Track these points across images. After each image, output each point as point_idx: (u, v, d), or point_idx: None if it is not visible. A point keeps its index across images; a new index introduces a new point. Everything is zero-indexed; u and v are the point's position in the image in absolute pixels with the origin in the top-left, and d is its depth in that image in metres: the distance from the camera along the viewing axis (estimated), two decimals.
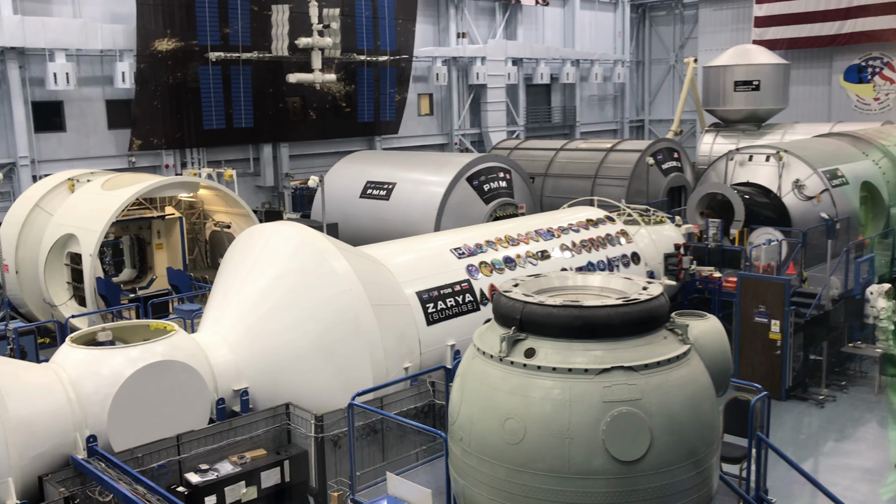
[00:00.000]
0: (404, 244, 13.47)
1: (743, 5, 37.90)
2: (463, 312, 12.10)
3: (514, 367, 6.34)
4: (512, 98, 35.68)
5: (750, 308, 15.16)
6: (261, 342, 10.49)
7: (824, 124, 29.63)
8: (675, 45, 42.41)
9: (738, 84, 29.57)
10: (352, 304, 10.36)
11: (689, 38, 41.58)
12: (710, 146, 30.14)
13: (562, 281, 7.52)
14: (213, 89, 24.41)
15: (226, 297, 11.06)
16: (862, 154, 21.68)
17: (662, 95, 43.17)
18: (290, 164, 27.46)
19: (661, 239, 16.35)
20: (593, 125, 40.60)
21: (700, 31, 40.20)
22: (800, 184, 19.13)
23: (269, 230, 11.56)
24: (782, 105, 30.45)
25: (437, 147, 33.00)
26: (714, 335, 7.19)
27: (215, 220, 18.57)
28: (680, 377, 6.34)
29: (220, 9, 24.05)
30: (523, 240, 14.08)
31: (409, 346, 11.10)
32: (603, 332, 6.33)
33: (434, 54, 31.79)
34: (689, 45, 41.47)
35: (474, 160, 20.96)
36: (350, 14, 27.18)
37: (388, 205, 21.20)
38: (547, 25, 37.91)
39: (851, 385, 15.80)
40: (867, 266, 16.82)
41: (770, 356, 14.95)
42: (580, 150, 26.99)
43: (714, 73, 30.49)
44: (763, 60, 29.92)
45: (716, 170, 21.18)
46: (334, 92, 27.66)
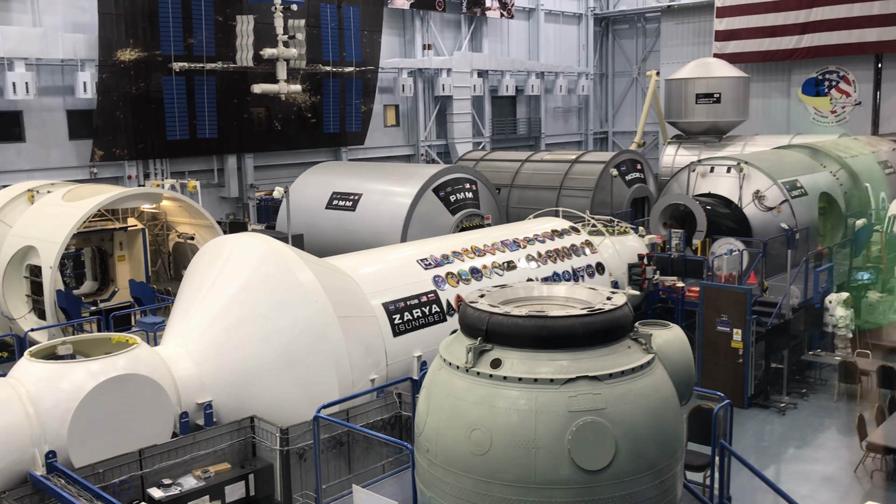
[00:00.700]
0: (370, 255, 13.45)
1: (704, 19, 38.57)
2: (429, 323, 12.10)
3: (481, 377, 6.36)
4: (478, 110, 35.86)
5: (712, 317, 15.36)
6: (225, 355, 10.38)
7: (783, 136, 30.23)
8: (637, 58, 42.98)
9: (700, 97, 30.06)
10: (317, 316, 10.30)
11: (652, 51, 42.17)
12: (672, 158, 30.57)
13: (527, 291, 7.57)
14: (176, 100, 24.20)
15: (189, 309, 10.94)
16: (820, 165, 22.13)
17: (625, 108, 43.69)
18: (255, 175, 27.28)
19: (624, 249, 16.52)
20: (558, 137, 40.94)
21: (662, 44, 40.82)
22: (760, 195, 19.47)
23: (233, 242, 11.47)
24: (742, 117, 31.00)
25: (403, 158, 33.03)
26: (677, 344, 7.28)
27: (179, 231, 18.36)
28: (644, 386, 6.40)
29: (183, 19, 23.88)
30: (489, 250, 14.14)
31: (376, 357, 11.07)
32: (568, 342, 6.37)
33: (400, 66, 31.86)
34: (651, 58, 42.04)
35: (440, 171, 21.02)
36: (316, 25, 27.14)
37: (355, 216, 21.15)
38: (512, 38, 38.21)
39: (812, 392, 16.06)
40: (826, 275, 17.15)
41: (732, 365, 15.16)
42: (545, 161, 27.20)
43: (676, 86, 30.96)
44: (724, 73, 30.46)
45: (678, 181, 21.47)
46: (300, 103, 27.58)
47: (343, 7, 28.12)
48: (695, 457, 10.09)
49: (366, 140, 30.49)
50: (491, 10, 35.37)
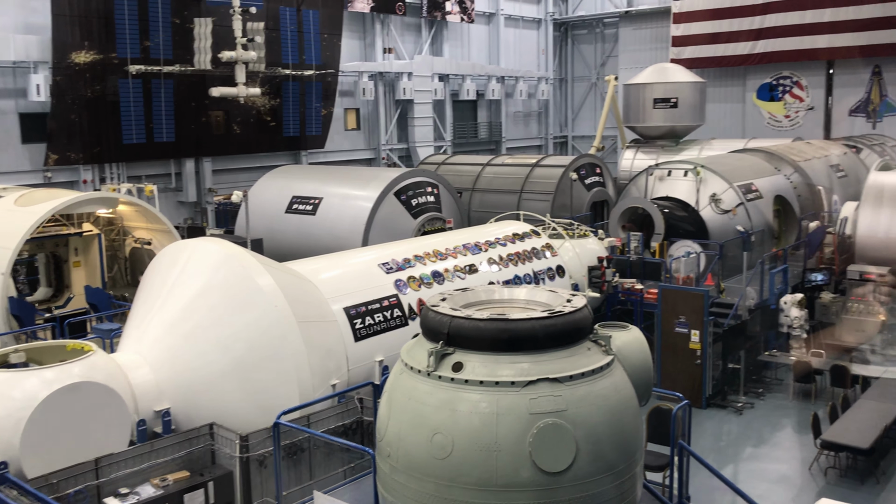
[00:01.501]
0: (331, 259, 13.38)
1: (661, 25, 39.11)
2: (391, 328, 12.07)
3: (442, 381, 6.34)
4: (439, 113, 35.91)
5: (670, 319, 15.55)
6: (183, 361, 10.25)
7: (739, 140, 30.78)
8: (596, 63, 43.42)
9: (657, 101, 30.47)
10: (277, 322, 10.22)
11: (610, 56, 42.63)
12: (630, 161, 30.95)
13: (489, 294, 7.58)
14: (133, 103, 23.84)
15: (146, 315, 10.78)
16: (774, 169, 22.55)
17: (585, 112, 44.09)
18: (214, 179, 26.97)
19: (584, 252, 16.66)
20: (519, 141, 41.17)
21: (620, 49, 41.29)
22: (716, 198, 19.76)
23: (191, 246, 11.33)
24: (699, 122, 31.49)
25: (364, 162, 32.93)
26: (636, 346, 7.35)
27: (135, 236, 18.09)
28: (604, 388, 6.45)
29: (140, 21, 23.53)
30: (451, 254, 14.16)
31: (337, 362, 11.01)
32: (529, 344, 6.39)
33: (360, 69, 31.77)
34: (609, 63, 42.49)
35: (402, 175, 21.00)
36: (275, 28, 26.95)
37: (315, 220, 21.03)
38: (472, 42, 38.34)
39: (768, 392, 16.35)
40: (781, 277, 17.47)
41: (690, 365, 15.36)
42: (506, 165, 27.33)
43: (634, 91, 31.34)
44: (680, 79, 30.92)
45: (636, 184, 21.72)
46: (259, 106, 27.35)
47: (302, 10, 27.97)
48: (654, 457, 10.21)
49: (326, 144, 30.34)
50: (451, 14, 35.46)
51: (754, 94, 36.78)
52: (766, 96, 36.46)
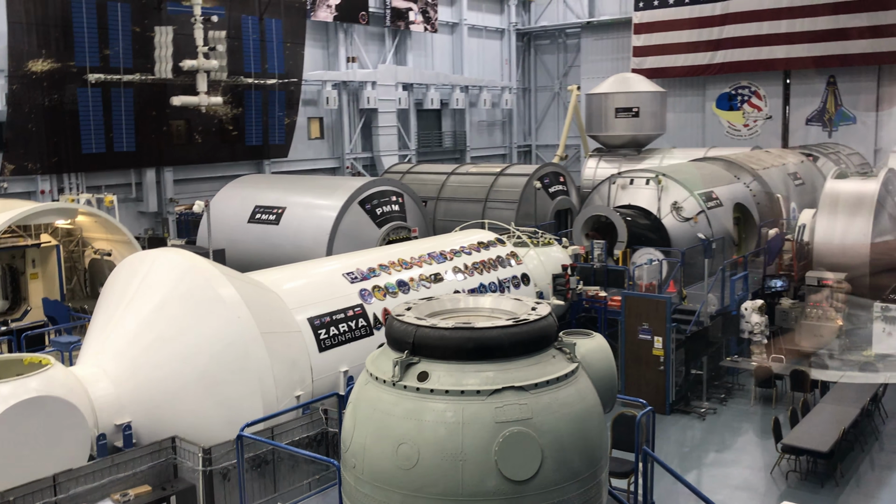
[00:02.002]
0: (295, 269, 13.28)
1: (622, 35, 39.59)
2: (356, 338, 12.01)
3: (407, 391, 6.32)
4: (403, 122, 35.92)
5: (634, 326, 15.69)
6: (144, 374, 10.09)
7: (699, 149, 31.22)
8: (559, 72, 43.78)
9: (619, 111, 30.81)
10: (240, 333, 10.11)
11: (573, 66, 43.02)
12: (593, 170, 31.23)
13: (454, 303, 7.57)
14: (92, 112, 23.49)
15: (106, 327, 10.60)
16: (734, 177, 22.90)
17: (548, 121, 44.41)
18: (175, 189, 26.66)
19: (549, 260, 16.75)
20: (483, 150, 41.32)
21: (582, 59, 41.70)
22: (678, 206, 20.01)
23: (152, 257, 11.18)
24: (660, 131, 31.90)
25: (328, 171, 32.79)
26: (600, 353, 7.39)
27: (95, 247, 17.81)
28: (569, 395, 6.47)
29: (99, 29, 23.22)
30: (416, 263, 14.14)
31: (301, 373, 10.92)
32: (494, 352, 6.39)
33: (324, 78, 31.67)
34: (572, 73, 42.88)
35: (366, 184, 20.95)
36: (237, 37, 26.77)
37: (278, 230, 20.88)
38: (436, 52, 38.44)
39: (730, 397, 16.55)
40: (741, 283, 17.72)
41: (654, 372, 15.50)
42: (471, 174, 27.42)
43: (596, 101, 31.66)
44: (642, 88, 31.31)
45: (599, 193, 21.92)
46: (221, 115, 27.12)
47: (265, 19, 27.83)
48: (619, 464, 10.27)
49: (289, 153, 30.16)
50: (415, 24, 35.54)
51: (714, 104, 37.36)
52: (726, 106, 37.06)
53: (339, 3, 31.49)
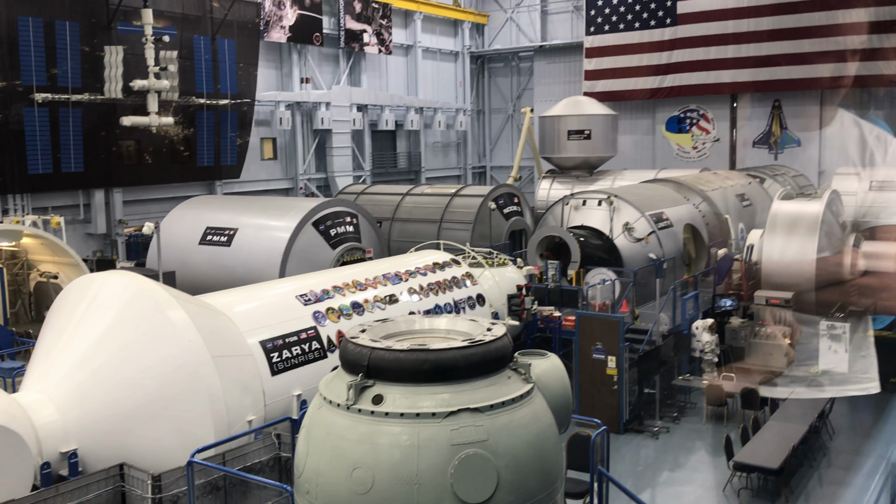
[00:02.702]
0: (247, 292, 13.11)
1: (574, 59, 40.23)
2: (309, 361, 11.88)
3: (362, 414, 6.25)
4: (358, 143, 35.89)
5: (588, 345, 15.81)
6: (91, 400, 9.83)
7: (650, 171, 31.77)
8: (512, 95, 44.24)
9: (571, 133, 31.25)
10: (190, 356, 9.92)
11: (526, 89, 43.52)
12: (547, 191, 31.56)
13: (409, 325, 7.54)
14: (39, 132, 22.99)
15: (52, 352, 10.31)
16: (684, 198, 23.32)
17: (502, 143, 44.79)
18: (125, 210, 26.20)
19: (504, 280, 16.81)
20: (438, 171, 41.47)
21: (535, 82, 42.23)
22: (629, 226, 20.29)
23: (99, 280, 10.92)
24: (612, 153, 32.40)
25: (281, 192, 32.56)
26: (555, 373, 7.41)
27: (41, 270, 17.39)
28: (524, 416, 6.47)
29: (46, 48, 22.80)
30: (371, 284, 14.07)
31: (253, 397, 10.75)
32: (449, 374, 6.37)
33: (277, 98, 31.53)
34: (525, 95, 43.36)
35: (320, 205, 20.82)
36: (189, 57, 26.52)
37: (230, 251, 20.60)
38: (391, 73, 38.57)
39: (683, 416, 16.73)
40: (692, 303, 17.99)
41: (608, 391, 15.61)
42: (426, 195, 27.46)
43: (549, 123, 32.06)
44: (593, 111, 31.81)
45: (553, 214, 22.12)
46: (172, 135, 26.77)
47: (218, 39, 27.64)
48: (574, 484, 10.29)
49: (242, 174, 29.88)
50: (369, 45, 35.64)
51: (663, 127, 38.08)
52: (675, 128, 37.79)
53: (292, 24, 31.44)
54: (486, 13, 43.99)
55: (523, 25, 42.85)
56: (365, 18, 35.21)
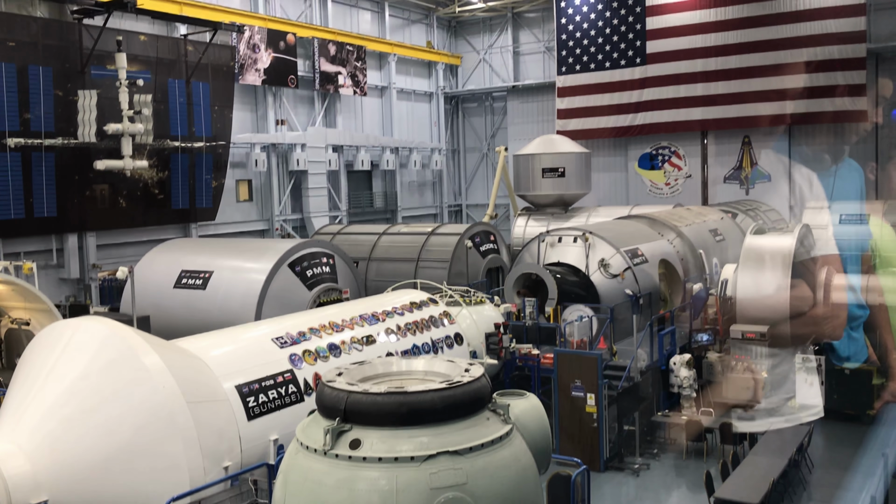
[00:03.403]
0: (222, 335, 12.99)
1: (546, 99, 40.78)
2: (286, 404, 11.75)
3: (339, 459, 6.19)
4: (333, 184, 35.95)
5: (567, 383, 15.79)
6: (63, 448, 9.63)
7: (624, 207, 32.08)
8: (487, 134, 44.65)
9: (546, 171, 31.54)
10: (165, 403, 9.79)
11: (500, 128, 43.96)
12: (523, 229, 31.72)
13: (386, 367, 7.51)
14: (11, 176, 22.80)
15: (23, 400, 10.12)
16: (658, 234, 23.53)
17: (477, 181, 45.08)
18: (98, 255, 25.95)
19: (481, 319, 16.80)
20: (414, 210, 41.59)
21: (509, 121, 42.70)
22: (605, 263, 20.40)
23: (72, 326, 10.78)
24: (586, 190, 32.70)
25: (257, 233, 32.46)
26: (534, 413, 7.40)
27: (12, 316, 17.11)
28: (504, 458, 6.44)
29: (20, 93, 22.73)
30: (348, 325, 14.00)
31: (229, 443, 10.60)
32: (428, 417, 6.34)
33: (252, 140, 31.58)
34: (499, 134, 43.78)
35: (296, 246, 20.76)
36: (163, 100, 26.54)
37: (205, 294, 20.44)
38: (366, 114, 38.82)
39: (663, 452, 16.70)
40: (669, 338, 18.06)
41: (588, 429, 15.56)
42: (402, 234, 27.50)
43: (523, 161, 32.36)
44: (567, 149, 32.17)
45: (529, 251, 22.21)
46: (146, 178, 26.67)
47: (192, 82, 27.71)
48: None
49: (217, 216, 29.77)
50: (344, 87, 35.90)
51: (636, 164, 38.54)
52: (647, 165, 38.27)
53: (267, 66, 31.62)
54: (459, 55, 44.55)
55: (496, 66, 43.42)
56: (339, 61, 35.51)
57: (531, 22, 42.41)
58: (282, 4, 33.40)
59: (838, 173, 27.68)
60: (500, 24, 43.14)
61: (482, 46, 43.77)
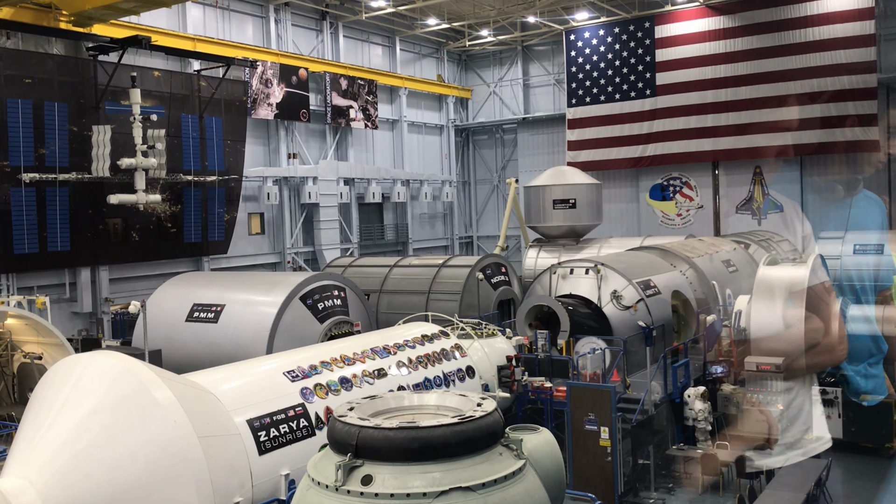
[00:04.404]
0: (234, 369, 12.96)
1: (556, 131, 40.96)
2: (298, 439, 11.67)
3: (351, 496, 6.13)
4: (345, 216, 36.09)
5: (580, 416, 15.63)
6: (74, 484, 9.57)
7: (635, 238, 32.02)
8: (497, 166, 44.81)
9: (557, 202, 31.57)
10: (176, 438, 9.73)
11: (510, 160, 44.12)
12: (534, 260, 31.69)
13: (398, 402, 7.46)
14: (25, 211, 23.02)
15: (35, 436, 10.09)
16: (670, 265, 23.43)
17: (488, 213, 45.16)
18: (111, 289, 26.05)
19: (493, 351, 16.70)
20: (425, 241, 41.66)
21: (519, 153, 42.87)
22: (617, 294, 20.31)
23: (84, 360, 10.77)
24: (597, 221, 32.69)
25: (269, 266, 32.55)
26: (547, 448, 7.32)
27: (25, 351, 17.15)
28: (517, 493, 6.36)
29: (35, 129, 23.01)
30: (359, 359, 13.95)
31: (240, 478, 10.52)
32: (440, 452, 6.28)
33: (265, 174, 31.80)
34: (510, 166, 43.93)
35: (308, 279, 20.78)
36: (176, 135, 26.80)
37: (217, 328, 20.44)
38: (377, 147, 39.07)
39: (678, 486, 16.47)
40: (683, 370, 17.89)
41: (601, 463, 15.37)
42: (413, 266, 27.49)
43: (534, 193, 32.42)
44: (578, 181, 32.22)
45: (541, 283, 22.14)
46: (159, 212, 26.86)
47: (205, 117, 28.00)
48: None
49: (229, 249, 29.90)
50: (355, 120, 36.19)
51: (647, 195, 38.55)
52: (658, 196, 38.26)
53: (279, 101, 31.94)
54: (469, 87, 44.89)
55: (506, 98, 43.69)
56: (351, 95, 35.83)
57: (541, 55, 42.73)
58: (294, 39, 33.79)
59: (855, 204, 27.54)
60: (509, 57, 43.49)
61: (492, 79, 44.09)
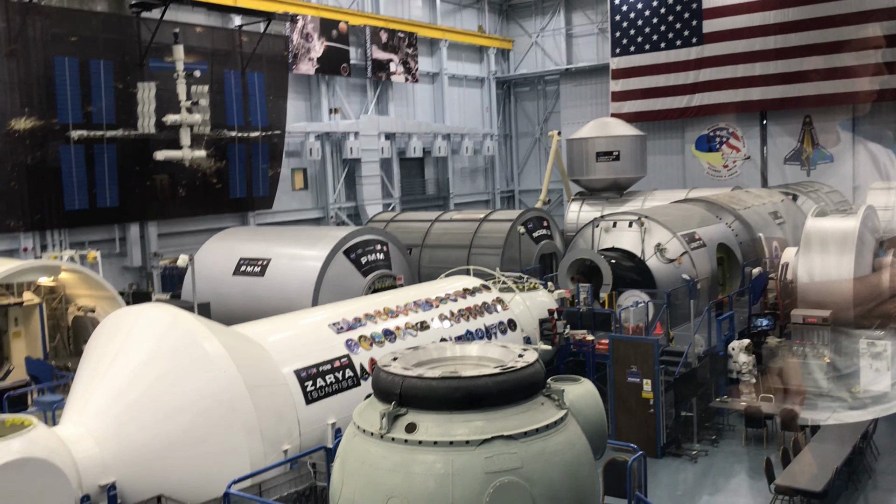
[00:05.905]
0: (280, 321, 13.21)
1: (600, 81, 40.24)
2: (343, 389, 11.91)
3: (395, 443, 6.26)
4: (386, 171, 36.14)
5: (622, 369, 15.65)
6: (129, 432, 9.93)
7: (680, 191, 31.56)
8: (539, 118, 44.32)
9: (600, 155, 31.19)
10: (226, 388, 10.01)
11: (553, 112, 43.58)
12: (576, 214, 31.48)
13: (440, 352, 7.55)
14: (75, 168, 23.50)
15: (90, 386, 10.46)
16: (716, 218, 23.12)
17: (530, 167, 44.82)
18: (159, 243, 26.59)
19: (535, 305, 16.73)
20: (466, 196, 41.58)
21: (562, 105, 42.30)
22: (661, 247, 20.14)
23: (135, 313, 11.09)
24: (641, 173, 32.25)
25: (312, 221, 32.85)
26: (589, 399, 7.36)
27: (78, 304, 17.66)
28: (559, 443, 6.43)
29: (81, 86, 23.37)
30: (402, 311, 14.10)
31: (288, 427, 10.80)
32: (482, 401, 6.36)
33: (307, 129, 31.92)
34: (552, 118, 43.43)
35: (351, 233, 20.95)
36: (220, 91, 26.99)
37: (263, 281, 20.78)
38: (417, 101, 38.87)
39: (721, 438, 16.46)
40: (728, 323, 17.75)
41: (644, 415, 15.42)
42: (455, 220, 27.52)
43: (577, 145, 32.05)
44: (621, 132, 31.75)
45: (583, 236, 22.04)
46: (204, 168, 27.19)
47: (247, 73, 28.11)
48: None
49: (274, 204, 30.23)
50: (396, 74, 35.99)
51: (693, 146, 37.87)
52: (704, 147, 37.57)
53: (320, 56, 31.88)
54: (510, 38, 44.24)
55: (548, 49, 43.01)
56: (391, 48, 35.60)
57: (584, 3, 41.86)
58: None
59: None
60: (552, 6, 42.69)
61: (534, 29, 43.37)
